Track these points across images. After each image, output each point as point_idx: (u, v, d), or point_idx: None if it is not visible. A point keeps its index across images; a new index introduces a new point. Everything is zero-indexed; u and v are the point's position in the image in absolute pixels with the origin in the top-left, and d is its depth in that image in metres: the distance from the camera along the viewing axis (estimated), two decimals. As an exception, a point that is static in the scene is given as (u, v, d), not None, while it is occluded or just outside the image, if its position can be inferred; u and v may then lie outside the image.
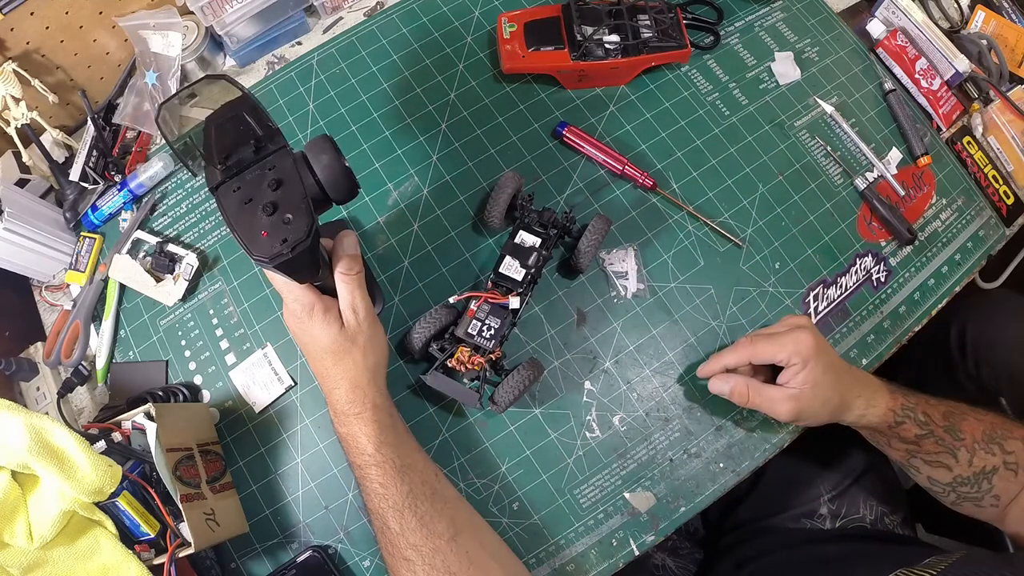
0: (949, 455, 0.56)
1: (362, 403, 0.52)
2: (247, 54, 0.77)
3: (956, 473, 0.56)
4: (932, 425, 0.56)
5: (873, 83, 0.76)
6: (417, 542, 0.48)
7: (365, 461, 0.51)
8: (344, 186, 0.45)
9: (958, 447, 0.55)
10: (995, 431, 0.56)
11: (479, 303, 0.59)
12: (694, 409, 0.62)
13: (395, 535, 0.49)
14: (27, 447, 0.47)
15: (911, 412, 0.56)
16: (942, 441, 0.55)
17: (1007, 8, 0.80)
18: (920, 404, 0.56)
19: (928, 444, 0.56)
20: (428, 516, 0.49)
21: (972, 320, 0.69)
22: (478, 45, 0.76)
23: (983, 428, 0.56)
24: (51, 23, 0.67)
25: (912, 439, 0.56)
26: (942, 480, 0.57)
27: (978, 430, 0.56)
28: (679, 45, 0.70)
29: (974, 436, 0.55)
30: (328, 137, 0.45)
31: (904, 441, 0.56)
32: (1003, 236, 0.72)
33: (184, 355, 0.66)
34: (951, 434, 0.55)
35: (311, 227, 0.42)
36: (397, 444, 0.52)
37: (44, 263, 0.69)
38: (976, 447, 0.55)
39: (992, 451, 0.55)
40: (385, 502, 0.50)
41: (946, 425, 0.56)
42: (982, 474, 0.55)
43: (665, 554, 0.72)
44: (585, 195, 0.69)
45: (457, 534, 0.50)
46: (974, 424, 0.56)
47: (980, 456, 0.55)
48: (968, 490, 0.56)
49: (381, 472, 0.50)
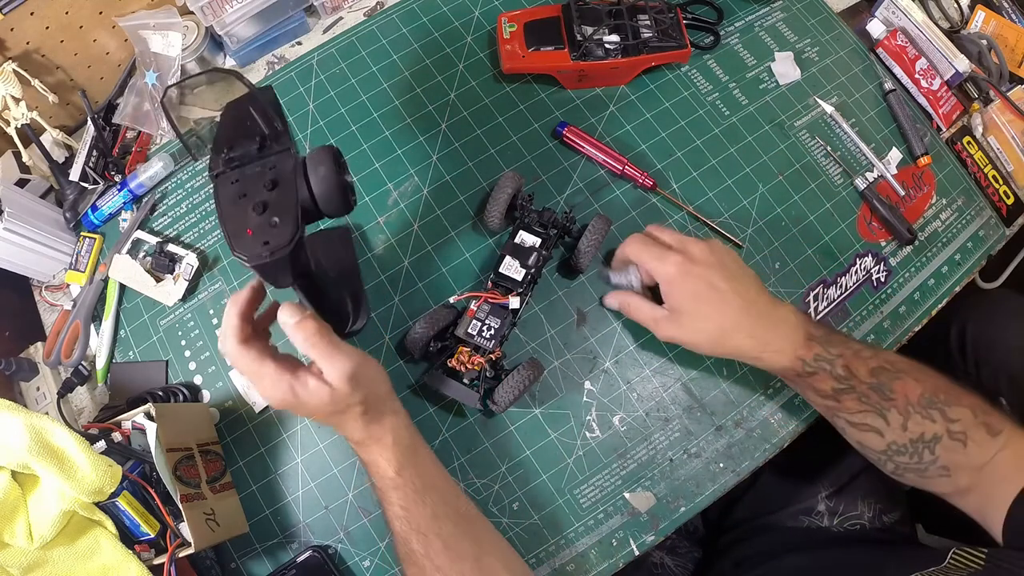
0: (877, 416, 0.50)
1: (380, 428, 0.49)
2: (247, 54, 0.77)
3: (889, 440, 0.50)
4: (854, 380, 0.50)
5: (873, 83, 0.76)
6: (442, 564, 0.47)
7: (386, 484, 0.49)
8: (337, 202, 0.44)
9: (888, 407, 0.49)
10: (936, 395, 0.49)
11: (479, 303, 0.59)
12: (694, 409, 0.62)
13: (420, 557, 0.48)
14: (27, 447, 0.47)
15: (827, 364, 0.51)
16: (867, 398, 0.50)
17: (1007, 8, 0.80)
18: (844, 356, 0.51)
19: (848, 401, 0.50)
20: (452, 538, 0.48)
21: (972, 320, 0.69)
22: (478, 45, 0.76)
23: (921, 390, 0.49)
24: (51, 23, 0.67)
25: (829, 393, 0.51)
26: (875, 447, 0.51)
27: (915, 392, 0.49)
28: (679, 45, 0.70)
29: (908, 398, 0.49)
30: (331, 149, 0.45)
31: (820, 395, 0.52)
32: (1003, 236, 0.72)
33: (184, 355, 0.66)
34: (878, 392, 0.49)
35: (294, 236, 0.42)
36: (418, 465, 0.50)
37: (44, 263, 0.69)
38: (911, 410, 0.49)
39: (932, 416, 0.49)
40: (408, 525, 0.48)
41: (873, 383, 0.50)
42: (920, 442, 0.49)
43: (664, 553, 0.72)
44: (585, 195, 0.69)
45: (481, 554, 0.49)
46: (910, 384, 0.50)
47: (916, 421, 0.49)
48: (907, 460, 0.50)
49: (403, 495, 0.49)
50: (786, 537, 0.68)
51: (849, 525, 0.67)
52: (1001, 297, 0.74)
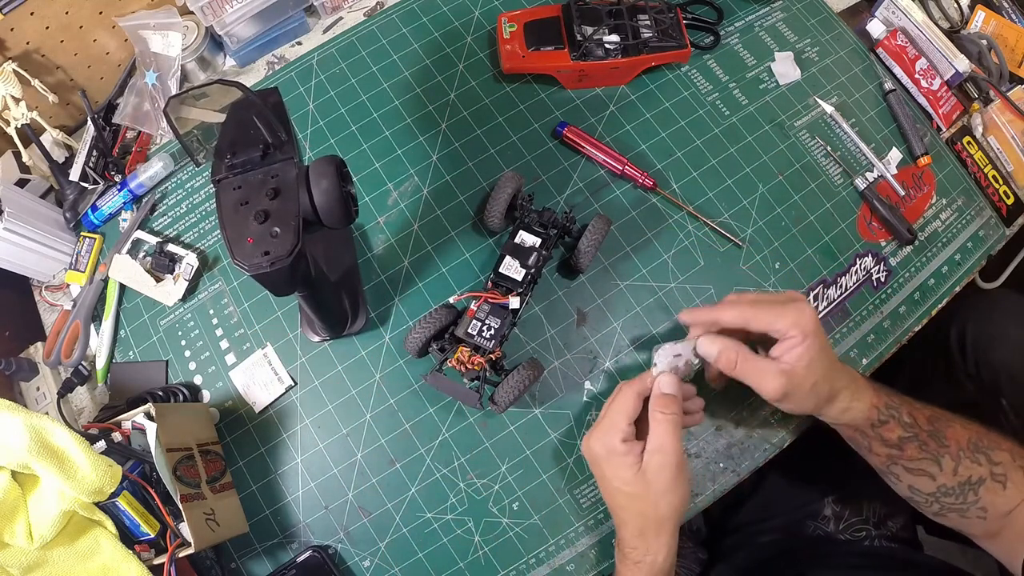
0: (932, 462, 0.52)
1: (643, 553, 0.50)
2: (247, 54, 0.77)
3: (940, 483, 0.52)
4: (917, 428, 0.52)
5: (873, 83, 0.76)
6: None
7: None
8: (338, 214, 0.45)
9: (942, 454, 0.52)
10: (981, 440, 0.53)
11: (479, 303, 0.59)
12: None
13: None
14: (27, 447, 0.47)
15: (895, 412, 0.53)
16: (926, 447, 0.52)
17: (1007, 8, 0.80)
18: (905, 405, 0.54)
19: (911, 449, 0.53)
20: None
21: (972, 320, 0.69)
22: (478, 45, 0.76)
23: (969, 436, 0.53)
24: (51, 23, 0.67)
25: (895, 442, 0.53)
26: (924, 490, 0.54)
27: (964, 437, 0.53)
28: (679, 45, 0.70)
29: (959, 443, 0.52)
30: (334, 160, 0.45)
31: (886, 444, 0.53)
32: (1003, 236, 0.72)
33: (184, 355, 0.66)
34: (936, 439, 0.52)
35: (294, 247, 0.42)
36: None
37: (44, 263, 0.69)
38: (961, 455, 0.52)
39: (978, 460, 0.52)
40: None
41: (931, 430, 0.53)
42: (967, 484, 0.52)
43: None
44: (585, 195, 0.69)
45: None
46: (960, 431, 0.53)
47: (965, 465, 0.52)
48: (952, 501, 0.53)
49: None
50: (793, 544, 0.68)
51: (855, 531, 0.67)
52: (1001, 297, 0.74)
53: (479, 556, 0.59)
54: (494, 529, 0.59)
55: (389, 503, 0.60)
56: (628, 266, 0.66)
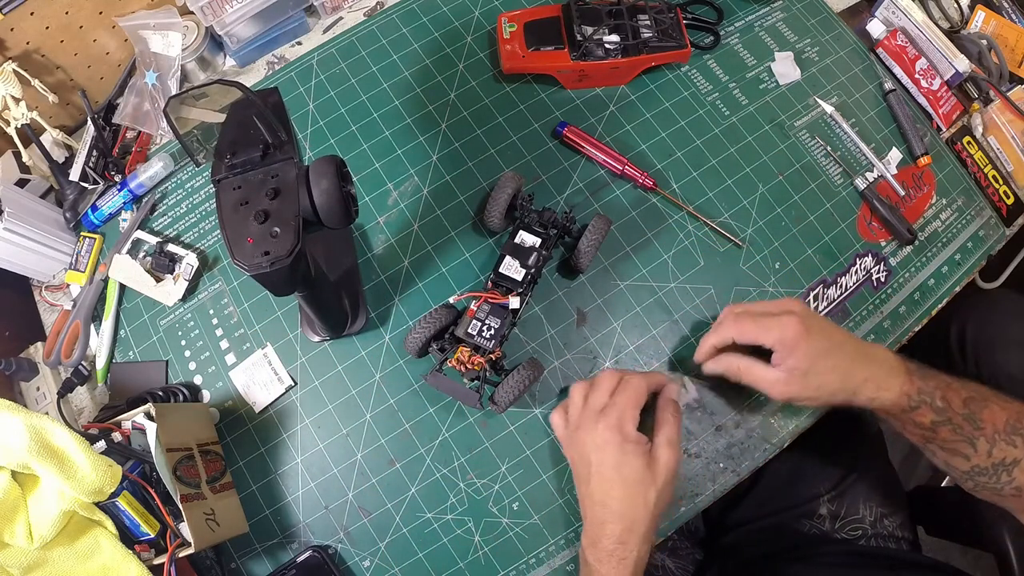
0: (967, 444, 0.52)
1: (630, 549, 0.49)
2: (247, 54, 0.77)
3: (974, 463, 0.52)
4: (950, 412, 0.52)
5: (873, 83, 0.76)
6: None
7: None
8: (338, 214, 0.44)
9: (977, 436, 0.52)
10: (1020, 421, 0.52)
11: (479, 303, 0.59)
12: (694, 409, 0.62)
13: None
14: (27, 447, 0.47)
15: (928, 397, 0.53)
16: (960, 429, 0.52)
17: (1007, 8, 0.80)
18: (940, 388, 0.53)
19: (944, 432, 0.53)
20: None
21: (972, 320, 0.69)
22: (478, 45, 0.76)
23: (1007, 417, 0.52)
24: (51, 23, 0.67)
25: (928, 425, 0.53)
26: (959, 467, 0.54)
27: (1000, 419, 0.52)
28: (679, 45, 0.70)
29: (995, 426, 0.52)
30: (334, 160, 0.45)
31: (920, 427, 0.54)
32: (1003, 236, 0.72)
33: (184, 355, 0.66)
34: (970, 422, 0.52)
35: (294, 248, 0.42)
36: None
37: (44, 263, 0.69)
38: (997, 437, 0.52)
39: (1014, 443, 0.51)
40: None
41: (965, 413, 0.52)
42: (1001, 465, 0.52)
43: (664, 554, 0.72)
44: (585, 195, 0.69)
45: None
46: (997, 412, 0.52)
47: (1000, 447, 0.52)
48: (987, 480, 0.53)
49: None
50: (787, 543, 0.68)
51: (851, 530, 0.67)
52: (1001, 297, 0.74)
53: (479, 556, 0.59)
54: (494, 529, 0.59)
55: (389, 503, 0.60)
56: (628, 266, 0.66)
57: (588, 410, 0.53)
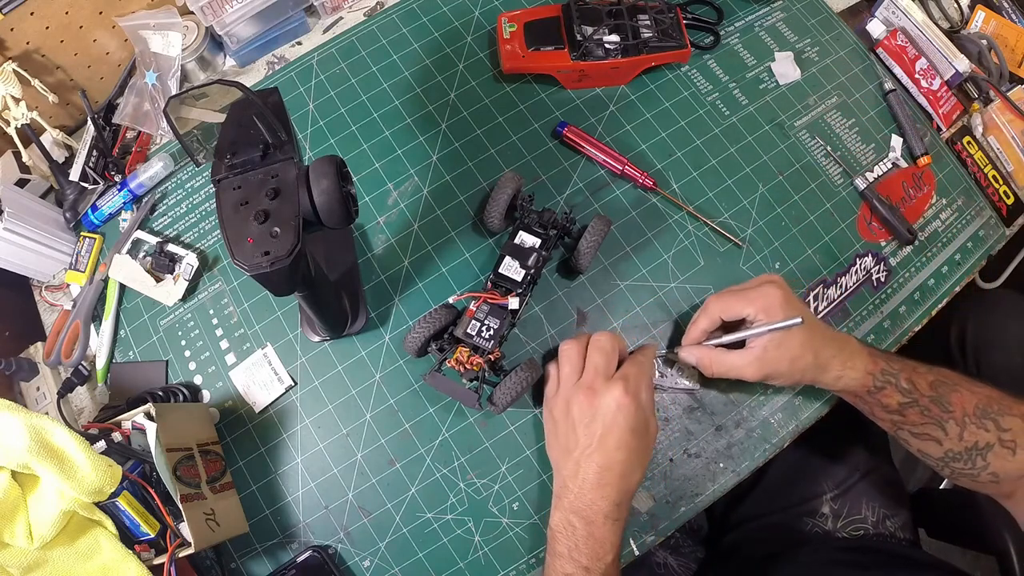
0: (936, 427, 0.53)
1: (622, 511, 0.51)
2: (247, 54, 0.77)
3: (946, 448, 0.53)
4: (916, 394, 0.53)
5: (873, 83, 0.76)
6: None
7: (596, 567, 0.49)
8: (339, 214, 0.44)
9: (946, 419, 0.52)
10: (990, 405, 0.53)
11: (478, 303, 0.59)
12: (694, 409, 0.62)
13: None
14: (27, 447, 0.47)
15: (892, 377, 0.53)
16: (928, 411, 0.53)
17: (1007, 8, 0.80)
18: (905, 371, 0.54)
19: (912, 414, 0.53)
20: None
21: (972, 320, 0.69)
22: (478, 45, 0.76)
23: (976, 401, 0.53)
24: (51, 23, 0.67)
25: (895, 408, 0.54)
26: (933, 454, 0.54)
27: (970, 403, 0.53)
28: (679, 45, 0.70)
29: (964, 409, 0.52)
30: (334, 160, 0.45)
31: (887, 410, 0.54)
32: (1003, 236, 0.72)
33: (184, 355, 0.66)
34: (938, 405, 0.53)
35: (294, 248, 0.42)
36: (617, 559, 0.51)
37: (44, 263, 0.69)
38: (967, 421, 0.52)
39: (985, 426, 0.52)
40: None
41: (932, 395, 0.53)
42: (975, 450, 0.52)
43: (667, 552, 0.72)
44: (585, 195, 0.69)
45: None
46: (966, 396, 0.53)
47: (971, 431, 0.52)
48: (961, 466, 0.53)
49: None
50: (789, 541, 0.68)
51: (852, 530, 0.67)
52: (1001, 297, 0.74)
53: (479, 556, 0.59)
54: (494, 529, 0.59)
55: (389, 503, 0.60)
56: (628, 266, 0.66)
57: (598, 373, 0.53)
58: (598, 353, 0.55)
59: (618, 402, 0.51)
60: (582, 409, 0.53)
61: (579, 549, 0.49)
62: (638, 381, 0.53)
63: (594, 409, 0.52)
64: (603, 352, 0.54)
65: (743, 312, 0.55)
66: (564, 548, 0.50)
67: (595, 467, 0.51)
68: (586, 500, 0.51)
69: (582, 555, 0.49)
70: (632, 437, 0.51)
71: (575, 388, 0.54)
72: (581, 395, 0.53)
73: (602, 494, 0.50)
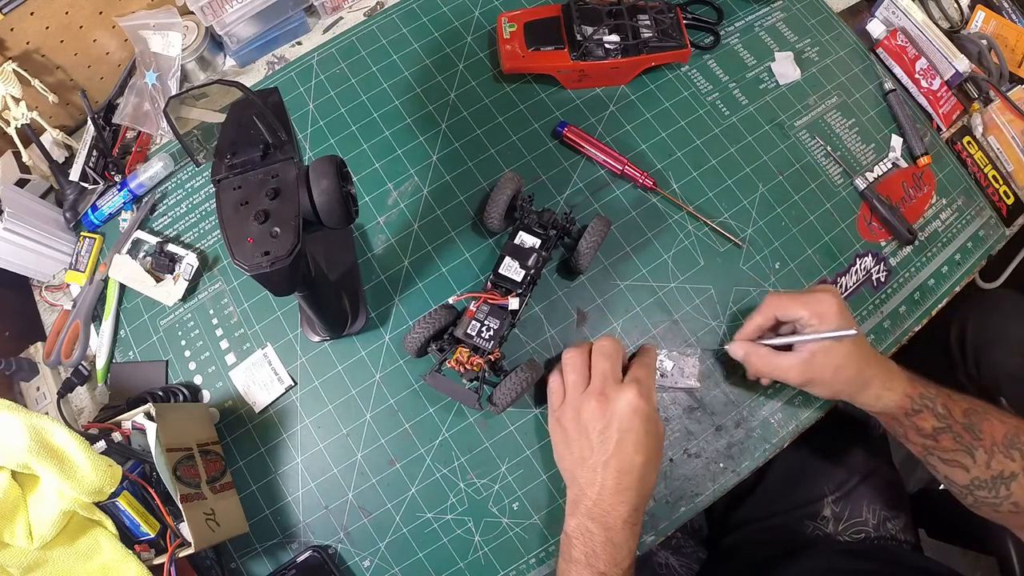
0: (966, 454, 0.54)
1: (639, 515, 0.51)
2: (247, 54, 0.77)
3: (973, 475, 0.54)
4: (951, 419, 0.54)
5: (873, 83, 0.76)
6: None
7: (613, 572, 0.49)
8: (339, 214, 0.44)
9: (976, 447, 0.53)
10: (1018, 436, 0.53)
11: (478, 304, 0.59)
12: (694, 409, 0.62)
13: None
14: (27, 447, 0.47)
15: (929, 402, 0.54)
16: (960, 438, 0.54)
17: (1007, 8, 0.80)
18: (940, 396, 0.55)
19: (945, 440, 0.54)
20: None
21: (972, 320, 0.69)
22: (478, 45, 0.76)
23: (1005, 431, 0.54)
24: (51, 23, 0.67)
25: (929, 432, 0.54)
26: (959, 481, 0.55)
27: (999, 432, 0.53)
28: (679, 45, 0.70)
29: (994, 437, 0.53)
30: (334, 160, 0.45)
31: (921, 434, 0.55)
32: (1003, 236, 0.72)
33: (184, 355, 0.66)
34: (970, 432, 0.54)
35: (294, 247, 0.42)
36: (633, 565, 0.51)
37: (44, 263, 0.69)
38: (995, 449, 0.53)
39: (1012, 456, 0.53)
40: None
41: (966, 422, 0.54)
42: (1000, 478, 0.53)
43: (669, 553, 0.72)
44: (585, 195, 0.69)
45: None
46: (996, 425, 0.54)
47: (998, 459, 0.53)
48: (986, 495, 0.54)
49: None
50: (790, 544, 0.68)
51: (854, 532, 0.67)
52: (1001, 297, 0.74)
53: (479, 556, 0.59)
54: (494, 529, 0.59)
55: (389, 503, 0.60)
56: (628, 266, 0.66)
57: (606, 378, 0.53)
58: (604, 359, 0.54)
59: (633, 406, 0.51)
60: (594, 416, 0.52)
61: (597, 555, 0.49)
62: (649, 384, 0.53)
63: (608, 415, 0.51)
64: (609, 357, 0.54)
65: (798, 314, 0.55)
66: (580, 554, 0.50)
67: (614, 472, 0.50)
68: (605, 506, 0.50)
69: (600, 561, 0.49)
70: (648, 439, 0.51)
71: (584, 396, 0.53)
72: (592, 402, 0.52)
73: (621, 499, 0.50)
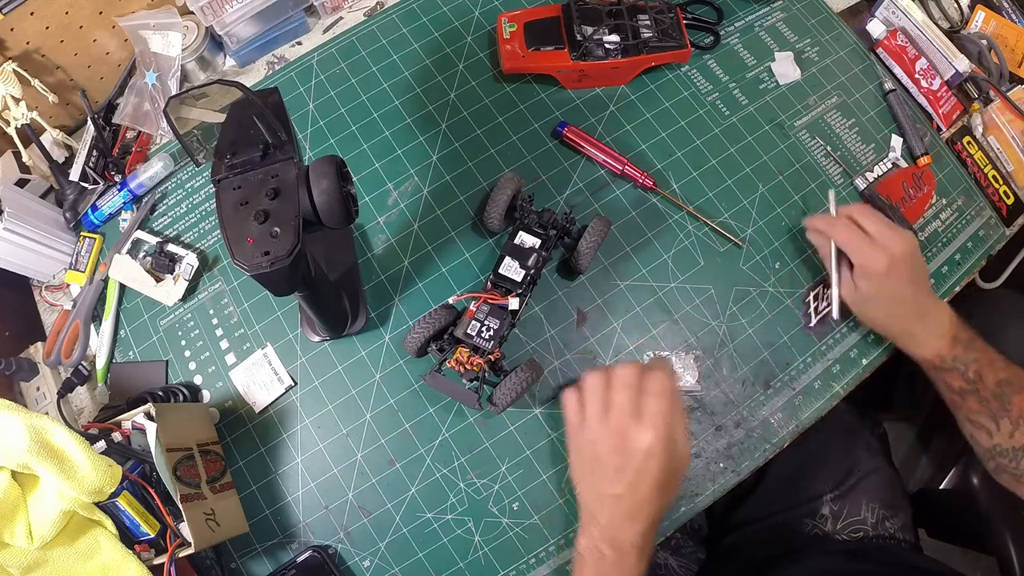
0: (991, 419, 0.56)
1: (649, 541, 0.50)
2: (247, 54, 0.77)
3: (995, 442, 0.56)
4: (980, 385, 0.56)
5: (873, 83, 0.76)
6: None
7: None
8: (339, 214, 0.44)
9: (1002, 416, 0.55)
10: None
11: (478, 304, 0.59)
12: (694, 409, 0.62)
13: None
14: (27, 447, 0.47)
15: (961, 365, 0.57)
16: (986, 403, 0.56)
17: (1007, 8, 0.80)
18: (979, 363, 0.57)
19: (971, 402, 0.56)
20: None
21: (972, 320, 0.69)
22: (478, 45, 0.76)
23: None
24: (51, 23, 0.67)
25: (956, 390, 0.57)
26: (983, 443, 0.57)
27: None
28: (679, 45, 0.70)
29: (1022, 411, 0.55)
30: (334, 160, 0.45)
31: (950, 389, 0.58)
32: (1003, 236, 0.72)
33: (184, 355, 0.66)
34: (999, 400, 0.55)
35: (294, 247, 0.42)
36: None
37: (44, 263, 0.69)
38: (1021, 422, 0.55)
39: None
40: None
41: (996, 391, 0.55)
42: (1021, 451, 0.55)
43: (668, 553, 0.72)
44: (585, 195, 0.69)
45: None
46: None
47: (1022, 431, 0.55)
48: (1006, 462, 0.56)
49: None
50: (789, 543, 0.68)
51: (852, 531, 0.67)
52: (1001, 297, 0.74)
53: (479, 556, 0.59)
54: (494, 529, 0.59)
55: (389, 503, 0.60)
56: (628, 266, 0.66)
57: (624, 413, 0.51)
58: (624, 391, 0.52)
59: (649, 450, 0.49)
60: (611, 452, 0.51)
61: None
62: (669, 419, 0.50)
63: (626, 455, 0.50)
64: (629, 389, 0.52)
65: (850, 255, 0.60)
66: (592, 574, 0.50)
67: (626, 507, 0.50)
68: (614, 531, 0.50)
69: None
70: (664, 475, 0.50)
71: (603, 429, 0.52)
72: (610, 439, 0.51)
73: (633, 528, 0.50)
